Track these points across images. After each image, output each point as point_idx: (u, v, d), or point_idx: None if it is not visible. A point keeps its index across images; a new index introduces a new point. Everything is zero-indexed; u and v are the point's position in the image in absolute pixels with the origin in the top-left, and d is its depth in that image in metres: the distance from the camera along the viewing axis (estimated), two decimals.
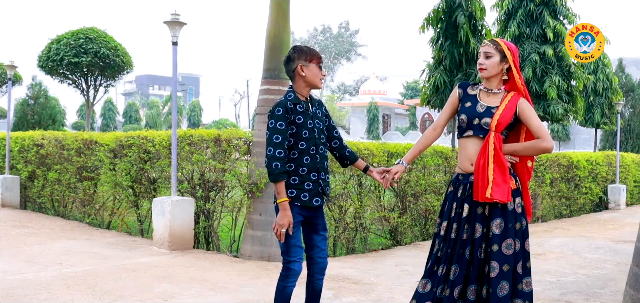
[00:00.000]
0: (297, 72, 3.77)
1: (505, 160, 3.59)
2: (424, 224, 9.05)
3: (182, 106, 58.73)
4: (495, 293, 3.50)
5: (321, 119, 3.87)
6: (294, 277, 3.77)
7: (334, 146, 4.01)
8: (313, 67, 3.78)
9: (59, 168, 10.26)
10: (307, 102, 3.81)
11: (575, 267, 7.25)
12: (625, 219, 12.88)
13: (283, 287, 3.77)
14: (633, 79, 28.48)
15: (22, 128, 19.86)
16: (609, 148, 27.10)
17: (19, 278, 5.85)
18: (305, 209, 3.77)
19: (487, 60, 3.68)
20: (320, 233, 3.90)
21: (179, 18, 7.67)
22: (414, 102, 53.72)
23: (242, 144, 7.64)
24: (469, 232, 3.61)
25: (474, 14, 10.40)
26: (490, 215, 3.58)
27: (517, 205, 3.63)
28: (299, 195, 3.72)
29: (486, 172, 3.55)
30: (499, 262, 3.51)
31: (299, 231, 3.79)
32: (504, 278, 3.51)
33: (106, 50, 18.97)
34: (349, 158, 4.03)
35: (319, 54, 3.85)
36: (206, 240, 7.88)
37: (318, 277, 3.89)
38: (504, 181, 3.54)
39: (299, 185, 3.71)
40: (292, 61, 3.79)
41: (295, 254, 3.75)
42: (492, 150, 3.57)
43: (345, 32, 69.43)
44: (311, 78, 3.77)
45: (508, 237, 3.55)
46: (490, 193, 3.51)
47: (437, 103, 10.95)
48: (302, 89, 3.79)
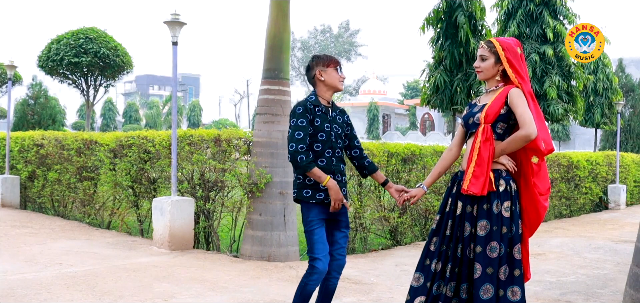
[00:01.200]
0: (316, 77, 3.97)
1: (486, 154, 3.56)
2: (424, 224, 9.05)
3: (182, 106, 58.75)
4: (478, 296, 3.47)
5: (341, 125, 4.02)
6: (318, 274, 3.81)
7: (353, 156, 4.12)
8: (331, 71, 3.96)
9: (59, 168, 10.26)
10: (328, 106, 3.97)
11: (575, 267, 7.25)
12: (625, 219, 12.88)
13: (305, 283, 3.84)
14: (633, 79, 28.50)
15: (22, 128, 19.87)
16: (609, 148, 27.11)
17: (19, 278, 5.84)
18: (324, 206, 3.85)
19: (483, 62, 3.70)
20: (342, 230, 3.99)
21: (179, 18, 7.67)
22: (414, 102, 53.76)
23: (242, 144, 7.64)
24: (460, 230, 3.62)
25: (474, 14, 10.42)
26: (477, 216, 3.58)
27: (505, 209, 3.56)
28: (314, 194, 3.82)
29: (469, 165, 3.58)
30: (482, 265, 3.50)
31: (323, 229, 3.86)
32: (488, 281, 3.48)
33: (106, 50, 18.99)
34: (368, 168, 4.12)
35: (336, 59, 4.02)
36: (206, 240, 7.88)
37: (335, 275, 3.95)
38: (482, 174, 3.53)
39: (314, 185, 3.82)
40: (311, 68, 4.00)
41: (320, 251, 3.81)
42: (478, 143, 3.58)
43: (345, 32, 69.41)
44: (330, 81, 3.95)
45: (493, 240, 3.51)
46: (467, 185, 3.55)
47: (437, 103, 10.96)
48: (323, 92, 3.97)
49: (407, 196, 3.90)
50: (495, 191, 3.58)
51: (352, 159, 4.14)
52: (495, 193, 3.57)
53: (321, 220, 3.85)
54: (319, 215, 3.84)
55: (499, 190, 3.58)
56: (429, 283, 3.64)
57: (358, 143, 4.13)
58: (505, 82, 3.72)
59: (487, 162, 3.55)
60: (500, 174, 3.62)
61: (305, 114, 3.82)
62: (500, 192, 3.58)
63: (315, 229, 3.83)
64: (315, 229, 3.83)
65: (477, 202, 3.58)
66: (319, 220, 3.83)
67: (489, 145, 3.57)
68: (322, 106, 3.92)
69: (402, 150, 8.55)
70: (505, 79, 3.71)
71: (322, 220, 3.86)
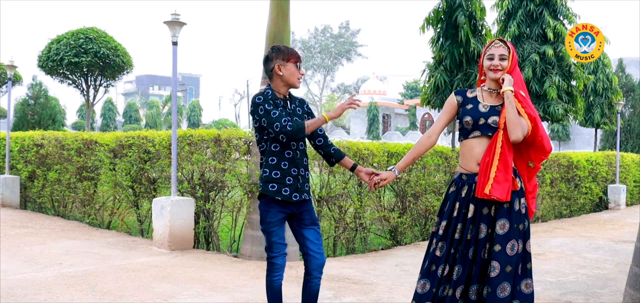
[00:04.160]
0: (274, 71, 3.79)
1: (510, 159, 3.58)
2: (424, 224, 9.04)
3: (182, 106, 58.72)
4: (495, 294, 3.49)
5: (301, 116, 3.87)
6: (278, 270, 3.82)
7: (318, 145, 3.98)
8: (290, 66, 3.78)
9: (59, 168, 10.26)
10: (286, 99, 3.84)
11: (575, 267, 7.25)
12: (625, 219, 12.88)
13: (270, 281, 3.84)
14: (633, 79, 28.47)
15: (22, 128, 19.85)
16: (609, 148, 27.09)
17: (19, 278, 5.85)
18: (286, 205, 3.79)
19: (502, 61, 3.67)
20: (310, 226, 3.88)
21: (179, 18, 7.67)
22: (414, 102, 53.74)
23: (242, 144, 7.64)
24: (473, 233, 3.60)
25: (474, 14, 10.40)
26: (495, 215, 3.57)
27: (522, 206, 3.63)
28: (280, 190, 3.74)
29: (489, 169, 3.55)
30: (501, 263, 3.50)
31: (281, 229, 3.82)
32: (505, 279, 3.50)
33: (106, 50, 18.97)
34: (335, 156, 4.00)
35: (297, 53, 3.86)
36: (206, 240, 7.88)
37: (316, 275, 3.85)
38: (506, 180, 3.53)
39: (280, 179, 3.74)
40: (270, 60, 3.81)
41: (277, 250, 3.81)
42: (500, 148, 3.57)
43: (345, 32, 69.36)
44: (288, 77, 3.79)
45: (512, 238, 3.54)
46: (489, 189, 3.52)
47: (437, 103, 10.94)
48: (280, 87, 3.81)
49: (377, 179, 3.87)
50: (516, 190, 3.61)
51: (317, 148, 4.00)
52: (515, 192, 3.61)
53: (280, 220, 3.79)
54: (278, 214, 3.77)
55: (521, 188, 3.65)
56: (434, 289, 3.63)
57: (321, 131, 3.97)
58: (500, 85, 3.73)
59: (510, 167, 3.57)
60: (516, 172, 3.66)
61: (269, 101, 3.68)
62: (518, 190, 3.64)
63: (274, 230, 3.77)
64: (274, 230, 3.77)
65: (496, 202, 3.57)
66: (278, 220, 3.77)
67: (508, 149, 3.59)
68: (280, 99, 3.78)
69: (402, 150, 8.55)
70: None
71: (282, 219, 3.80)
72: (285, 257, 3.86)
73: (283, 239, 3.84)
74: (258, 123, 3.73)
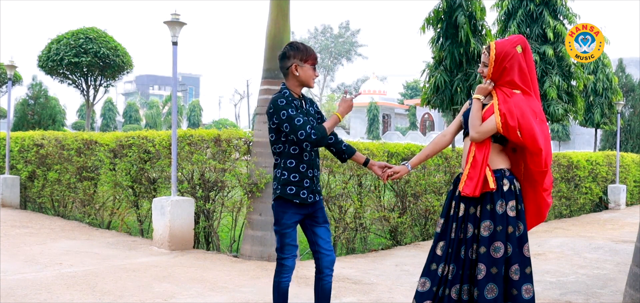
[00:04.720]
0: (291, 70, 3.75)
1: (480, 158, 3.59)
2: (424, 224, 9.04)
3: (182, 106, 58.73)
4: (483, 295, 3.49)
5: (314, 116, 3.87)
6: (288, 272, 3.83)
7: (330, 143, 3.97)
8: (308, 67, 3.76)
9: (59, 168, 10.26)
10: (301, 99, 3.83)
11: (575, 267, 7.25)
12: (625, 219, 12.88)
13: (278, 282, 3.84)
14: (633, 79, 28.49)
15: (22, 128, 19.87)
16: (609, 148, 27.10)
17: (19, 278, 5.85)
18: (302, 207, 3.78)
19: (485, 68, 3.73)
20: (322, 224, 3.89)
21: (179, 18, 7.67)
22: (414, 102, 53.75)
23: (242, 144, 7.64)
24: (464, 232, 3.63)
25: (474, 14, 10.41)
26: (480, 216, 3.58)
27: (510, 208, 3.58)
28: (299, 193, 3.73)
29: (465, 167, 3.63)
30: (486, 265, 3.51)
31: (294, 231, 3.82)
32: (491, 280, 3.50)
33: (106, 50, 18.99)
34: (347, 152, 4.00)
35: (315, 55, 3.84)
36: (206, 240, 7.88)
37: (327, 273, 3.87)
38: (475, 175, 3.57)
39: (299, 182, 3.73)
40: (287, 58, 3.76)
41: (289, 252, 3.81)
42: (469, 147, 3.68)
43: (345, 32, 69.42)
44: (305, 78, 3.76)
45: (497, 240, 3.52)
46: (461, 186, 3.60)
47: (437, 103, 10.95)
48: (295, 87, 3.78)
49: (391, 172, 3.91)
50: (498, 191, 3.58)
51: (329, 147, 3.99)
52: (499, 193, 3.58)
53: (295, 222, 3.79)
54: (295, 216, 3.76)
55: (503, 190, 3.60)
56: (435, 288, 3.64)
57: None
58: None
59: (481, 164, 3.58)
60: (504, 174, 3.64)
61: (291, 104, 3.64)
62: (505, 192, 3.60)
63: (288, 231, 3.77)
64: (288, 231, 3.77)
65: (481, 203, 3.59)
66: (293, 222, 3.77)
67: (483, 148, 3.61)
68: (297, 99, 3.75)
69: (402, 150, 8.55)
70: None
71: (297, 221, 3.80)
72: (295, 259, 3.86)
73: (295, 241, 3.84)
74: (276, 125, 3.69)
